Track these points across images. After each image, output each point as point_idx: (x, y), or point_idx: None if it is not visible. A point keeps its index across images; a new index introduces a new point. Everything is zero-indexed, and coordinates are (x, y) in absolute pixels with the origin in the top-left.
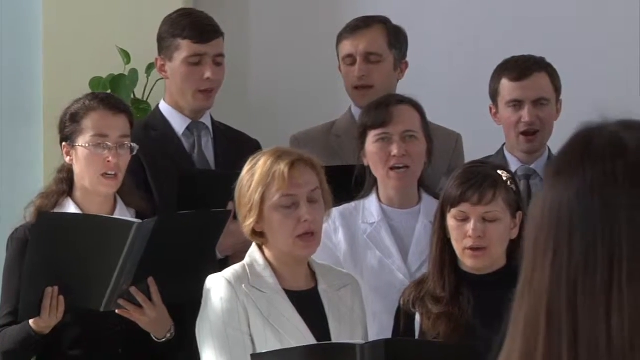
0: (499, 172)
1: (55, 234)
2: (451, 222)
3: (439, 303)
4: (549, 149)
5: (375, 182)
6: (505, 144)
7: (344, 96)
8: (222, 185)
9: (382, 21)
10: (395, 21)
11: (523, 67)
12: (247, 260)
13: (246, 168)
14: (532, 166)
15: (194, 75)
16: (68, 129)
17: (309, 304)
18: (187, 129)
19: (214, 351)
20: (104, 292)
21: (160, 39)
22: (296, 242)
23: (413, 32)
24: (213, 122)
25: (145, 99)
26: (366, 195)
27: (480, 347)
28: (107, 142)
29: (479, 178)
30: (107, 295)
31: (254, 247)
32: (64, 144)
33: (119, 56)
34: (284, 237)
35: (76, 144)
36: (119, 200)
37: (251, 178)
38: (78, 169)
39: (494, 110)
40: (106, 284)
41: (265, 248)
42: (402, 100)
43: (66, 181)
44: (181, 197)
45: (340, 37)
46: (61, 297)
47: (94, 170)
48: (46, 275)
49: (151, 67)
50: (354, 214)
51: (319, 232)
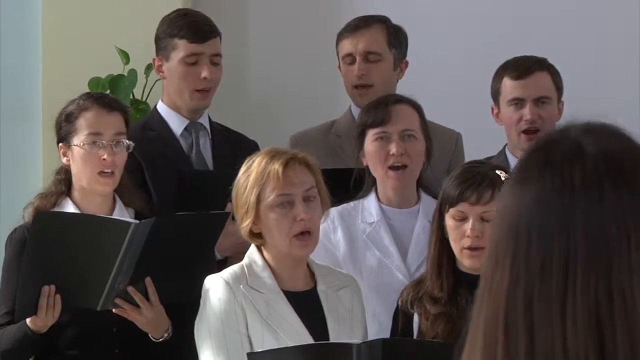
0: (497, 172)
1: (52, 233)
2: (449, 222)
3: (437, 303)
4: None
5: (374, 182)
6: (507, 144)
7: (343, 96)
8: (221, 186)
9: (382, 20)
10: (395, 20)
11: (525, 66)
12: (245, 261)
13: (242, 169)
14: None
15: (191, 75)
16: (63, 130)
17: (307, 304)
18: (185, 129)
19: (211, 352)
20: (101, 291)
21: (158, 39)
22: (293, 241)
23: (413, 31)
24: (211, 122)
25: (144, 100)
26: (365, 195)
27: None
28: (102, 141)
29: (478, 178)
30: (104, 295)
31: (253, 248)
32: (60, 144)
33: (118, 56)
34: (280, 237)
35: (72, 144)
36: (118, 200)
37: (247, 179)
38: (75, 169)
39: (495, 111)
40: (103, 283)
41: (264, 249)
42: (401, 100)
43: (64, 182)
44: (180, 198)
45: (340, 37)
46: (58, 296)
47: (90, 169)
48: (43, 275)
49: (150, 68)
50: (352, 213)
51: (316, 231)
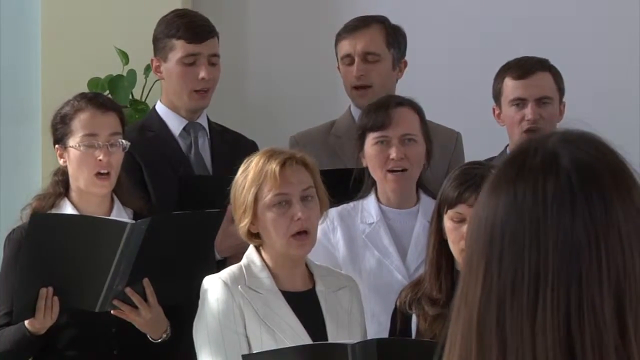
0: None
1: (49, 235)
2: (448, 224)
3: (435, 304)
4: None
5: (374, 182)
6: (508, 145)
7: (342, 96)
8: (222, 189)
9: (381, 21)
10: (395, 20)
11: (526, 66)
12: (244, 261)
13: (241, 169)
14: None
15: (189, 76)
16: (59, 132)
17: (306, 305)
18: (184, 129)
19: (210, 352)
20: (99, 292)
21: (156, 40)
22: (290, 241)
23: (413, 31)
24: (210, 122)
25: (143, 100)
26: (365, 195)
27: None
28: (97, 141)
29: (476, 179)
30: (102, 296)
31: (251, 249)
32: (56, 146)
33: (117, 57)
34: (278, 237)
35: (68, 146)
36: (116, 200)
37: (245, 179)
38: (71, 170)
39: (497, 112)
40: (101, 284)
41: (262, 249)
42: (402, 103)
43: (62, 183)
44: (181, 201)
45: (339, 37)
46: (56, 298)
47: (86, 170)
48: (40, 276)
49: (149, 68)
50: (352, 214)
51: (314, 231)
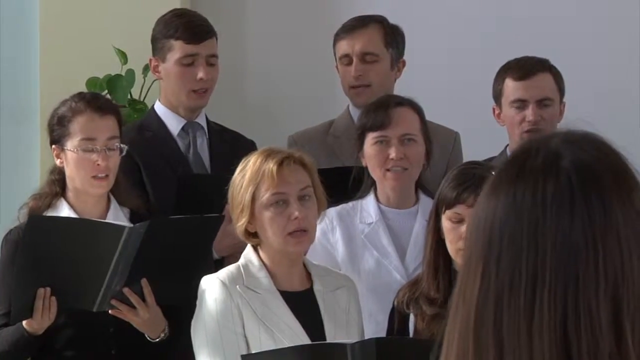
0: (493, 173)
1: (46, 237)
2: (446, 224)
3: (433, 304)
4: None
5: (373, 182)
6: (508, 145)
7: (341, 96)
8: (220, 188)
9: (379, 20)
10: (394, 20)
11: (527, 67)
12: (242, 261)
13: (238, 169)
14: None
15: (187, 76)
16: (56, 132)
17: (304, 304)
18: (182, 129)
19: (208, 352)
20: (97, 292)
21: (154, 40)
22: (287, 239)
23: (411, 30)
24: (208, 122)
25: (142, 100)
26: (364, 195)
27: None
28: (95, 146)
29: (475, 180)
30: (100, 296)
31: (249, 248)
32: (53, 146)
33: (115, 56)
34: (275, 235)
35: (65, 148)
36: (113, 199)
37: (242, 178)
38: (69, 171)
39: (497, 112)
40: (99, 284)
41: (260, 249)
42: (402, 102)
43: (58, 182)
44: (179, 201)
45: (337, 37)
46: (53, 298)
47: (83, 173)
48: (38, 277)
49: (148, 68)
50: (351, 213)
51: (311, 230)
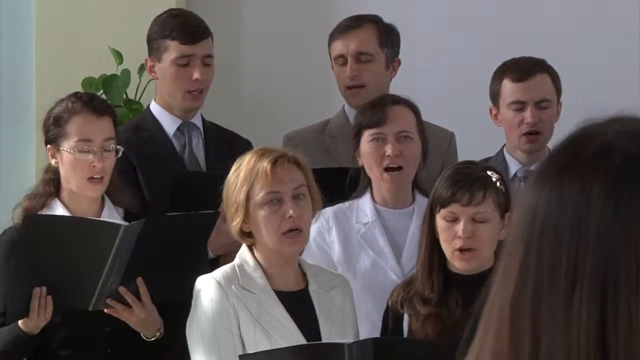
0: (488, 172)
1: (42, 236)
2: (440, 223)
3: (427, 304)
4: (549, 151)
5: (369, 182)
6: (505, 145)
7: (336, 95)
8: (216, 187)
9: (373, 20)
10: (389, 20)
11: (525, 68)
12: (237, 261)
13: (233, 168)
14: (532, 168)
15: (183, 76)
16: (52, 132)
17: (299, 304)
18: (178, 129)
19: (203, 352)
20: (92, 291)
21: (150, 40)
22: (282, 239)
23: (407, 30)
24: (204, 122)
25: (137, 99)
26: (360, 195)
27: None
28: (91, 147)
29: (470, 179)
30: (96, 295)
31: (244, 248)
32: (48, 146)
33: (111, 56)
34: (269, 235)
35: (61, 148)
36: (107, 199)
37: (236, 178)
38: (64, 172)
39: (494, 112)
40: (94, 283)
41: (255, 249)
42: (398, 101)
43: (53, 182)
44: (175, 199)
45: (332, 37)
46: (49, 298)
47: (79, 174)
48: (34, 276)
49: (143, 68)
50: (347, 213)
51: (306, 229)
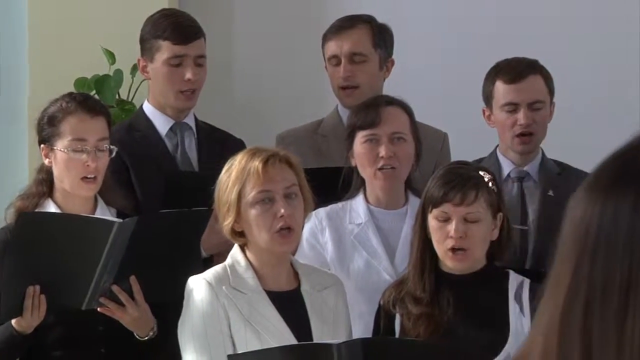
0: (481, 173)
1: (36, 234)
2: (432, 223)
3: (419, 304)
4: (542, 152)
5: (362, 183)
6: (498, 145)
7: (329, 95)
8: (208, 187)
9: (367, 20)
10: (383, 20)
11: (518, 69)
12: (228, 261)
13: (225, 168)
14: (525, 168)
15: (175, 77)
16: (46, 132)
17: (291, 304)
18: (171, 129)
19: (194, 353)
20: (86, 290)
21: (142, 40)
22: (274, 237)
23: (401, 31)
24: (197, 122)
25: (130, 100)
26: (353, 195)
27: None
28: (85, 146)
29: (462, 179)
30: (89, 294)
31: (236, 248)
32: (42, 146)
33: (103, 57)
34: (261, 233)
35: (55, 148)
36: (100, 199)
37: (228, 177)
38: (57, 172)
39: (487, 113)
40: (88, 282)
41: (247, 249)
42: (392, 102)
43: (46, 182)
44: (167, 199)
45: (325, 38)
46: (42, 297)
47: (73, 174)
48: (27, 275)
49: (136, 68)
50: (340, 214)
51: (297, 228)
